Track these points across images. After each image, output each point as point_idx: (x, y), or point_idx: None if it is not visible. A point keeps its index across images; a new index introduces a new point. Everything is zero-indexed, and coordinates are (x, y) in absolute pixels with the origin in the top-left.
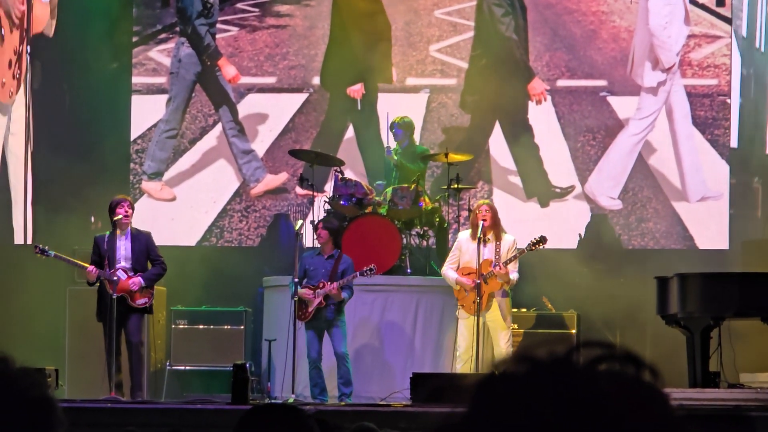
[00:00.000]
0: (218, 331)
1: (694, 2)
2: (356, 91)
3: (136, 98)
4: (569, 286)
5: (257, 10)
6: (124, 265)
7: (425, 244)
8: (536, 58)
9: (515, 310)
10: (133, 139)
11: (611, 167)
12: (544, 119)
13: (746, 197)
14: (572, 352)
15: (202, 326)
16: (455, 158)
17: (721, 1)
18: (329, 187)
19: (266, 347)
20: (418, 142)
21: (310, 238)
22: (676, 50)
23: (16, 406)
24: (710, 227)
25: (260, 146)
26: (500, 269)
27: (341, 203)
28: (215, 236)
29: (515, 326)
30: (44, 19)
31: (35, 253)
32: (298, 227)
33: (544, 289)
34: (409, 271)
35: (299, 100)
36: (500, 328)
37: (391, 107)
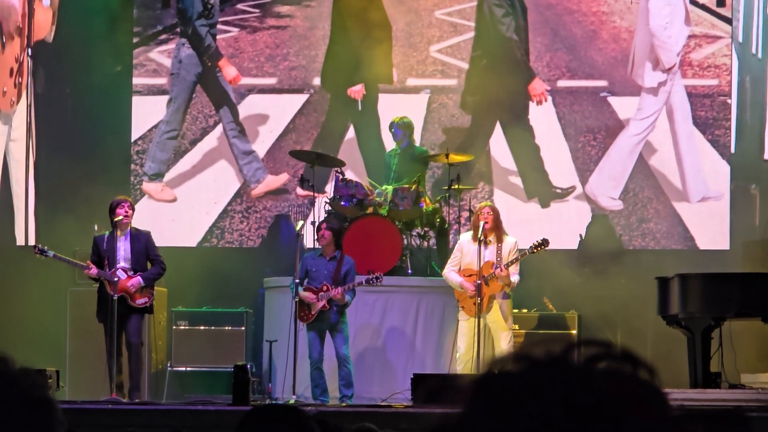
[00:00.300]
0: (219, 332)
1: (694, 2)
2: (357, 91)
3: (136, 99)
4: (570, 286)
5: (258, 10)
6: (123, 265)
7: (426, 244)
8: (537, 58)
9: (516, 310)
10: (133, 140)
11: (612, 168)
12: (544, 120)
13: (746, 200)
14: (569, 350)
15: (203, 327)
16: (456, 159)
17: (721, 1)
18: (330, 187)
19: (267, 348)
20: (418, 142)
21: (310, 238)
22: (676, 50)
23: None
24: (711, 227)
25: (261, 147)
26: (501, 271)
27: (342, 204)
28: (216, 237)
29: (516, 327)
30: (46, 25)
31: (35, 253)
32: (298, 228)
33: (545, 289)
34: (409, 271)
35: (300, 100)
36: (501, 329)
37: (391, 108)
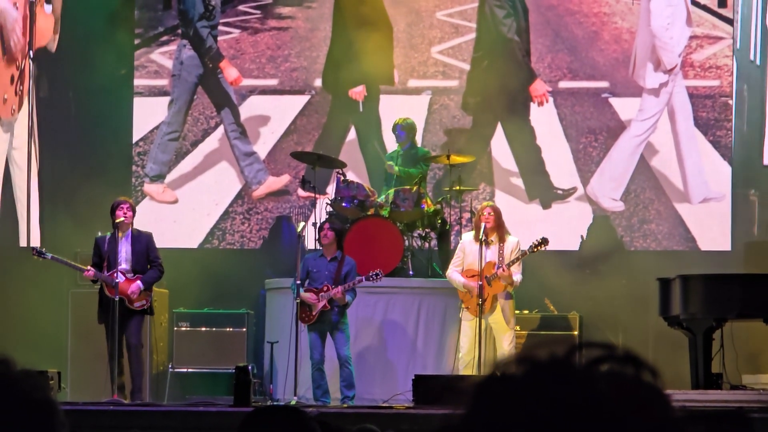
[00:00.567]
0: (220, 333)
1: (695, 3)
2: (358, 93)
3: (137, 100)
4: (571, 287)
5: (259, 12)
6: (124, 267)
7: (427, 245)
8: (538, 59)
9: (517, 311)
10: (134, 141)
11: (613, 169)
12: (546, 121)
13: (747, 202)
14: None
15: (204, 328)
16: (457, 160)
17: (722, 2)
18: (331, 189)
19: (268, 349)
20: (419, 144)
21: (312, 240)
22: (678, 51)
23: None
24: (712, 228)
25: (262, 148)
26: (503, 271)
27: (343, 205)
28: (217, 238)
29: (518, 328)
30: (48, 33)
31: (33, 255)
32: (300, 229)
33: (546, 290)
34: (411, 273)
35: (301, 102)
36: (503, 330)
37: (392, 109)
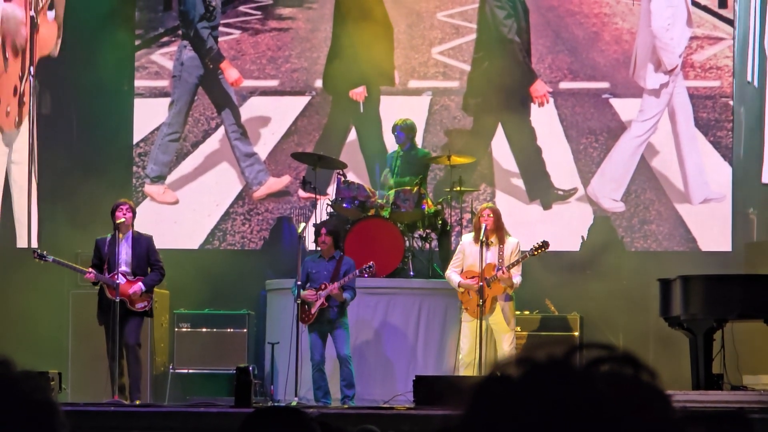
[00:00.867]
0: (221, 334)
1: (696, 4)
2: (358, 93)
3: (138, 101)
4: (572, 288)
5: (259, 13)
6: (124, 269)
7: (428, 246)
8: (539, 60)
9: (518, 312)
10: (135, 142)
11: (614, 169)
12: (546, 121)
13: (748, 203)
14: (570, 353)
15: (205, 329)
16: (458, 161)
17: (723, 2)
18: (332, 189)
19: (269, 350)
20: (420, 144)
21: (313, 240)
22: (678, 52)
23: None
24: (713, 229)
25: (263, 149)
26: (503, 273)
27: (344, 206)
28: (218, 239)
29: (518, 329)
30: (51, 40)
31: (34, 258)
32: (300, 230)
33: (547, 291)
34: (411, 273)
35: (302, 103)
36: (503, 331)
37: (393, 110)
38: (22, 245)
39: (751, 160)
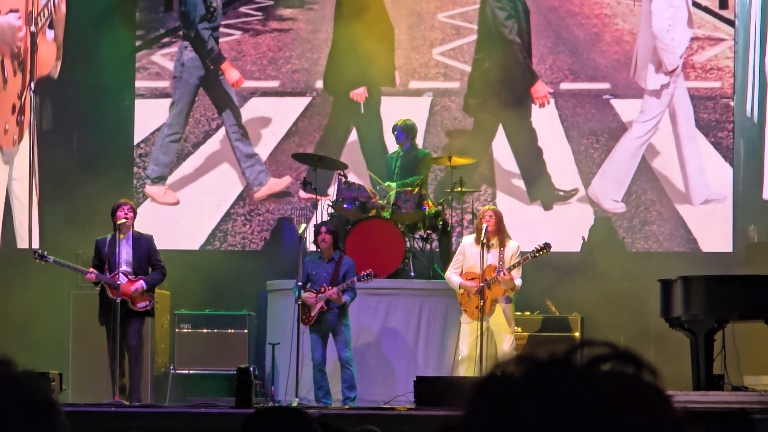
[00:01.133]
0: (222, 334)
1: (697, 5)
2: (359, 94)
3: (139, 102)
4: (573, 289)
5: (260, 14)
6: (125, 269)
7: (429, 247)
8: (539, 61)
9: (519, 313)
10: (136, 143)
11: (615, 170)
12: (547, 122)
13: (749, 204)
14: (571, 352)
15: (205, 330)
16: (458, 161)
17: (724, 3)
18: (332, 190)
19: (270, 351)
20: (421, 145)
21: (313, 241)
22: (679, 53)
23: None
24: (714, 230)
25: (263, 150)
26: (504, 275)
27: (344, 207)
28: (219, 240)
29: (519, 329)
30: (50, 60)
31: (34, 258)
32: (301, 231)
33: (547, 292)
34: (412, 274)
35: (302, 103)
36: (504, 332)
37: (394, 111)
38: (22, 246)
39: (752, 176)
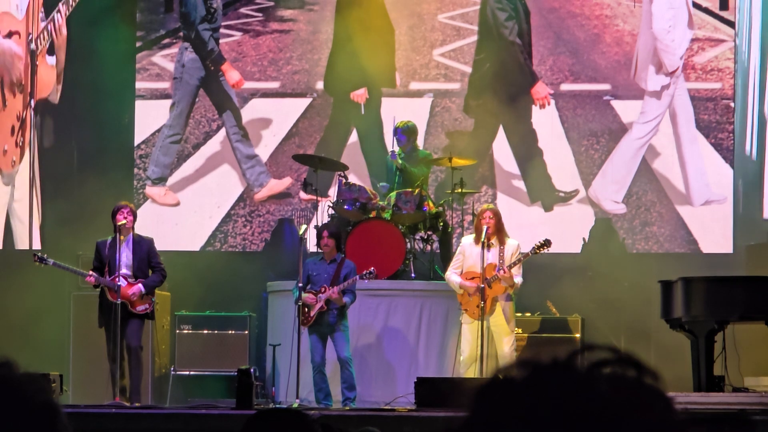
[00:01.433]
0: (222, 336)
1: (697, 6)
2: (360, 95)
3: (139, 103)
4: (573, 290)
5: (261, 14)
6: (125, 271)
7: (429, 248)
8: (540, 62)
9: (519, 314)
10: (136, 144)
11: (615, 171)
12: (547, 123)
13: (750, 205)
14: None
15: (206, 331)
16: (459, 163)
17: (724, 4)
18: (333, 191)
19: (270, 352)
20: (421, 146)
21: (313, 242)
22: (679, 54)
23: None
24: (714, 231)
25: (264, 151)
26: (504, 273)
27: (345, 208)
28: (219, 241)
29: (519, 330)
30: (50, 83)
31: (34, 261)
32: (302, 232)
33: (548, 293)
34: (413, 275)
35: (303, 104)
36: (504, 332)
37: (394, 112)
38: (23, 247)
39: (753, 201)
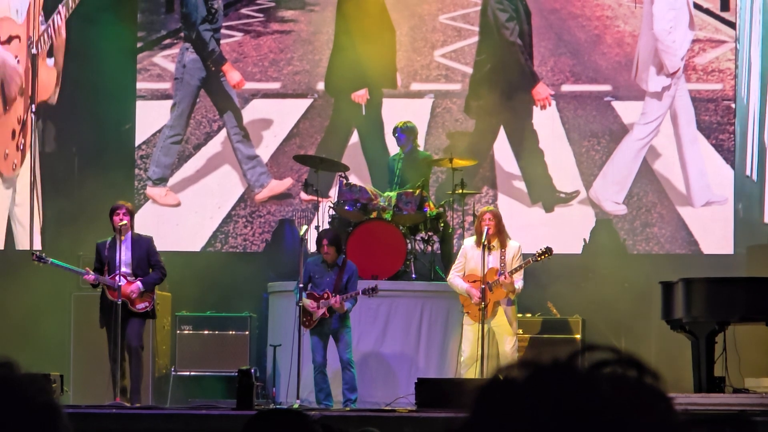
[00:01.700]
0: (223, 336)
1: (698, 7)
2: (361, 96)
3: (140, 104)
4: (574, 291)
5: (262, 15)
6: (124, 270)
7: (430, 249)
8: (541, 63)
9: (520, 315)
10: (137, 144)
11: (616, 172)
12: (548, 124)
13: (750, 205)
14: (574, 356)
15: (207, 332)
16: (460, 163)
17: (725, 5)
18: (334, 192)
19: (271, 352)
20: (422, 147)
21: (314, 243)
22: (680, 55)
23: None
24: (715, 232)
25: (265, 152)
26: (505, 278)
27: (346, 208)
28: (220, 242)
29: (521, 331)
30: (50, 86)
31: (33, 260)
32: (302, 233)
33: (549, 294)
34: (413, 276)
35: (304, 105)
36: (506, 333)
37: (395, 112)
38: (23, 247)
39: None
